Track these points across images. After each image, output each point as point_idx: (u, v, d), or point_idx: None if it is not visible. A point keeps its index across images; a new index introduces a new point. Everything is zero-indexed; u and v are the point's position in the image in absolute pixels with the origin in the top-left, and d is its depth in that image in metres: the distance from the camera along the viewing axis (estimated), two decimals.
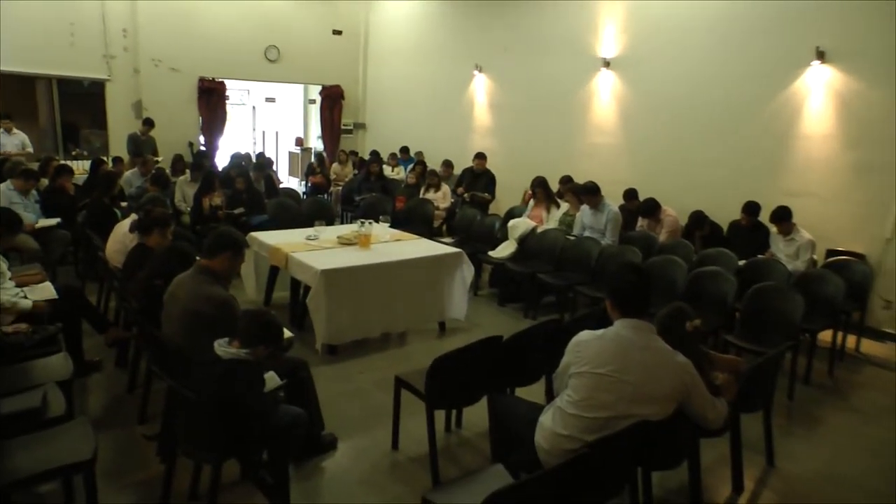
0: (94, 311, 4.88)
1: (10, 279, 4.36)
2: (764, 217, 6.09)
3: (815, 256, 5.86)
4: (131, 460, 3.55)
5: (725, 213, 6.55)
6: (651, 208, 6.56)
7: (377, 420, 4.01)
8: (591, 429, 2.60)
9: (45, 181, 7.41)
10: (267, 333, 2.84)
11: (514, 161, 9.63)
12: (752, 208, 6.15)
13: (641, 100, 8.03)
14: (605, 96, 8.45)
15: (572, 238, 6.56)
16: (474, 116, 10.80)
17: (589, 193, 6.51)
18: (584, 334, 2.79)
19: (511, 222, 6.97)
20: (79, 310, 4.56)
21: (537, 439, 2.75)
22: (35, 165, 7.96)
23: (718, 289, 5.09)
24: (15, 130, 9.67)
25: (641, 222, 6.77)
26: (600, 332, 2.77)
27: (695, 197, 6.95)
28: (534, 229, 6.80)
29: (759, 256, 5.83)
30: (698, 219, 6.35)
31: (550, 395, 3.65)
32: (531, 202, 7.40)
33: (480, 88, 10.63)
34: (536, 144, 9.51)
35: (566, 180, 7.70)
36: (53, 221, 6.63)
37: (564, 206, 7.11)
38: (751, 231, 6.18)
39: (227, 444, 2.83)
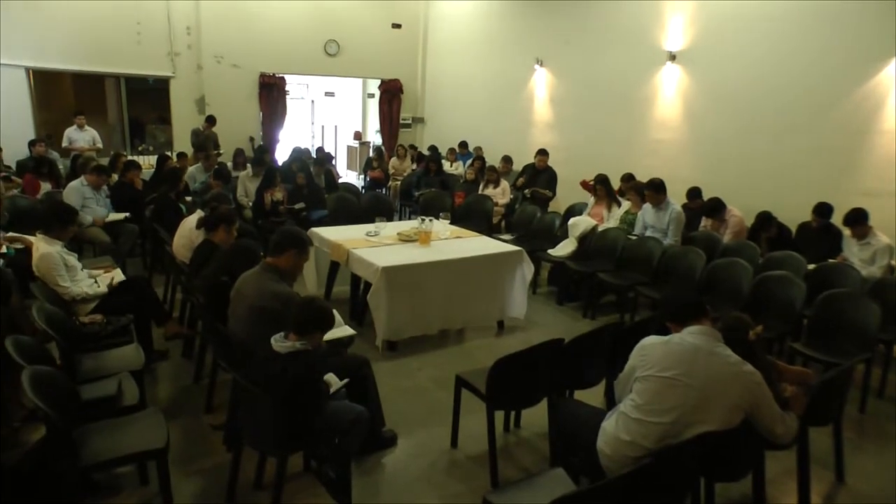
0: (157, 304, 5.00)
1: (82, 269, 4.53)
2: (836, 219, 5.80)
3: (892, 262, 5.53)
4: (198, 448, 3.65)
5: (794, 214, 6.24)
6: (715, 208, 6.34)
7: (436, 417, 4.01)
8: (654, 435, 2.55)
9: (114, 176, 7.68)
10: (320, 319, 2.90)
11: (573, 157, 9.46)
12: (823, 210, 5.86)
13: (707, 94, 7.76)
14: (669, 91, 8.21)
15: (634, 237, 6.42)
16: (534, 111, 10.66)
17: (654, 191, 6.32)
18: (650, 339, 2.76)
19: (571, 220, 6.86)
20: (142, 301, 4.69)
21: (600, 445, 2.72)
22: (104, 160, 8.26)
23: (786, 294, 4.84)
24: (86, 127, 10.08)
25: (705, 222, 6.56)
26: (666, 337, 2.75)
27: (762, 197, 6.68)
28: (594, 228, 6.69)
29: (831, 261, 5.53)
30: (765, 220, 6.06)
31: (610, 399, 3.61)
32: (591, 200, 7.27)
33: (541, 83, 10.48)
34: (597, 140, 9.32)
35: (628, 178, 7.53)
36: (122, 215, 6.87)
37: (626, 204, 6.96)
38: (821, 233, 5.88)
39: (291, 439, 2.87)
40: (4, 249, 5.35)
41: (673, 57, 8.05)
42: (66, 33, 10.30)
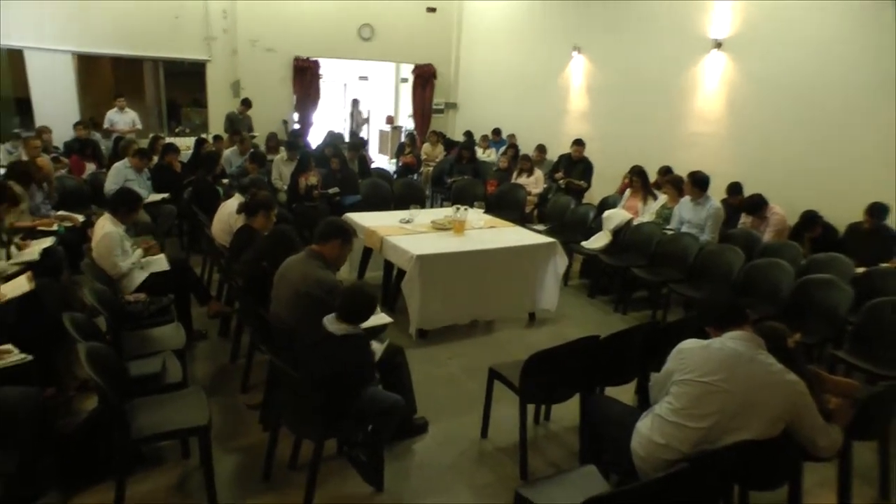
0: (199, 284, 5.15)
1: (133, 247, 4.67)
2: (892, 220, 5.62)
3: None
4: (235, 426, 3.75)
5: (842, 214, 6.06)
6: (756, 205, 6.20)
7: (466, 407, 4.05)
8: (691, 440, 2.53)
9: (154, 159, 7.83)
10: (365, 307, 2.99)
11: (608, 148, 9.34)
12: (877, 210, 5.64)
13: (753, 84, 7.52)
14: (712, 80, 8.01)
15: (669, 232, 6.34)
16: (569, 100, 10.54)
17: (696, 185, 6.19)
18: (689, 342, 2.72)
19: (606, 213, 6.81)
20: (185, 282, 4.82)
21: (633, 445, 2.71)
22: (143, 142, 8.43)
23: (829, 298, 4.65)
24: (126, 109, 10.31)
25: (744, 219, 6.41)
26: (706, 341, 2.70)
27: (807, 195, 6.48)
28: (629, 221, 6.63)
29: (883, 265, 5.28)
30: (810, 219, 5.90)
31: (642, 398, 3.60)
32: (627, 192, 7.21)
33: (577, 70, 10.34)
34: (633, 131, 9.19)
35: (665, 171, 7.43)
36: (161, 196, 7.03)
37: (662, 198, 6.87)
38: (873, 236, 5.66)
39: (329, 424, 2.94)
40: (56, 227, 5.53)
41: (718, 45, 7.83)
42: (109, 19, 10.51)
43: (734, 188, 6.81)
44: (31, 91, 10.52)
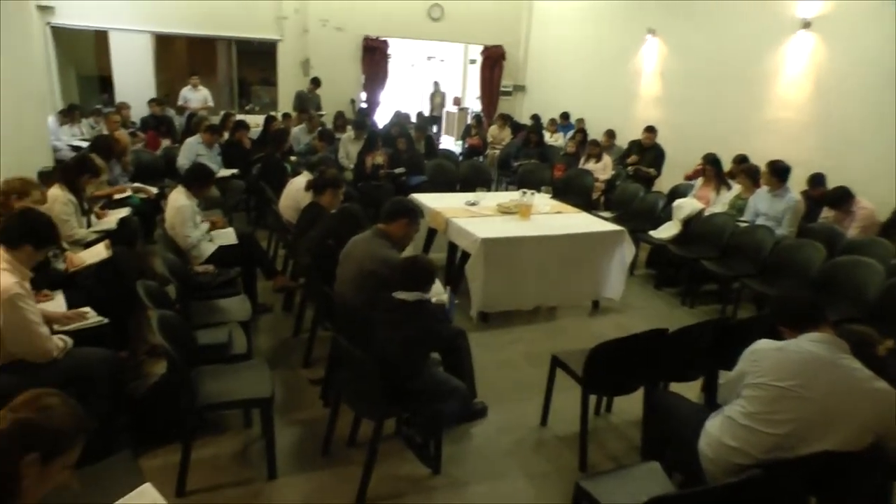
0: (266, 258, 5.25)
1: (202, 222, 4.79)
2: None
3: None
4: (296, 400, 3.81)
5: None
6: (841, 198, 5.82)
7: (526, 393, 3.99)
8: (765, 446, 2.39)
9: (225, 135, 8.03)
10: (424, 275, 3.01)
11: (680, 135, 9.00)
12: None
13: (843, 67, 7.04)
14: (796, 63, 7.56)
15: (743, 224, 6.06)
16: (641, 84, 10.23)
17: (776, 175, 5.86)
18: (763, 343, 2.55)
19: (676, 202, 6.57)
20: (253, 256, 4.92)
21: (701, 446, 2.58)
22: (215, 119, 8.66)
23: None
24: (199, 86, 10.63)
25: (827, 213, 6.05)
26: (781, 343, 2.53)
27: None
28: (700, 211, 6.37)
29: None
30: None
31: (709, 396, 3.46)
32: (699, 181, 6.93)
33: (651, 54, 10.01)
34: (707, 118, 8.81)
35: (741, 159, 7.10)
36: (230, 172, 7.20)
37: (736, 188, 6.57)
38: None
39: (390, 404, 2.94)
40: (129, 193, 5.74)
41: (807, 24, 7.36)
42: (185, 1, 10.83)
43: (816, 179, 6.43)
44: (112, 69, 11.03)
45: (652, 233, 6.46)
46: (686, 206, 6.43)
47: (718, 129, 8.50)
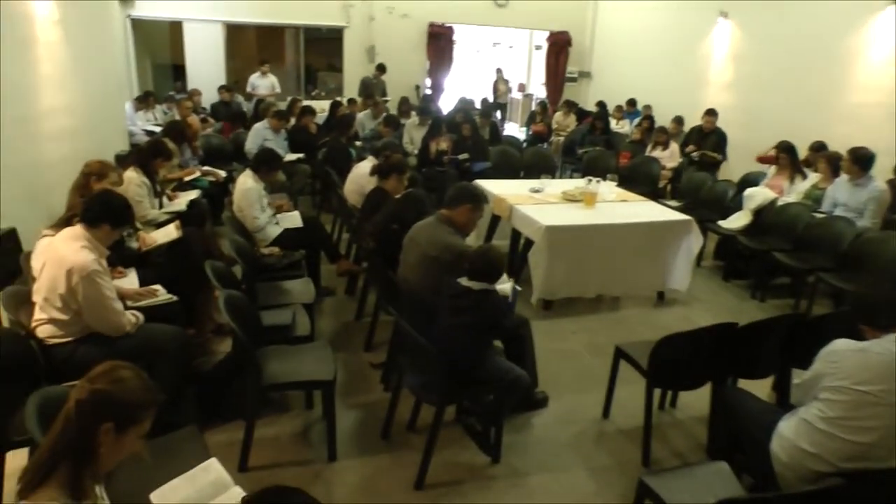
0: (330, 242, 5.32)
1: (269, 205, 4.88)
2: None
3: None
4: (357, 383, 3.85)
5: None
6: None
7: (588, 384, 3.91)
8: (846, 454, 2.25)
9: (291, 120, 8.18)
10: (494, 268, 2.97)
11: (753, 121, 8.63)
12: None
13: None
14: (884, 43, 7.08)
15: (820, 215, 5.75)
16: (711, 69, 9.87)
17: (859, 163, 5.51)
18: (842, 343, 2.40)
19: (747, 191, 6.30)
20: (317, 240, 4.99)
21: (774, 448, 2.46)
22: (282, 105, 8.83)
23: None
24: (268, 73, 10.87)
25: None
26: (863, 343, 2.37)
27: None
28: (773, 201, 6.09)
29: None
30: None
31: (781, 396, 3.31)
32: (772, 169, 6.62)
33: (722, 37, 9.63)
34: (782, 103, 8.39)
35: (819, 147, 6.74)
36: (296, 156, 7.32)
37: (812, 176, 6.25)
38: None
39: (452, 390, 2.93)
40: (197, 175, 5.91)
41: None
42: None
43: None
44: (186, 58, 11.42)
45: (721, 223, 6.22)
46: (758, 195, 6.15)
47: (794, 115, 8.08)
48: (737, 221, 6.12)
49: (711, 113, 8.22)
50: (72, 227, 2.95)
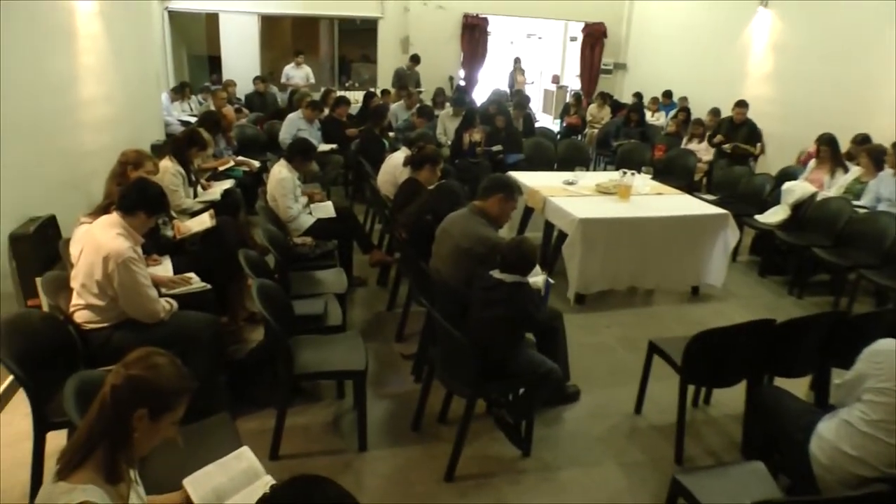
0: (363, 233, 5.33)
1: (302, 195, 4.91)
2: None
3: None
4: (388, 374, 3.87)
5: None
6: None
7: (620, 379, 3.87)
8: (892, 459, 2.19)
9: (325, 111, 8.20)
10: (527, 260, 2.96)
11: (792, 114, 8.41)
12: None
13: None
14: None
15: (863, 210, 5.58)
16: (749, 61, 9.61)
17: None
18: (886, 343, 2.32)
19: (786, 185, 6.14)
20: (350, 230, 5.00)
21: (813, 450, 2.40)
22: (316, 95, 8.86)
23: None
24: (302, 64, 10.93)
25: None
26: None
27: None
28: (813, 195, 5.92)
29: None
30: None
31: (819, 395, 3.26)
32: (811, 163, 6.44)
33: (761, 28, 9.37)
34: (823, 95, 8.14)
35: (862, 140, 6.53)
36: (330, 147, 7.35)
37: (854, 170, 6.06)
38: None
39: (484, 381, 2.91)
40: (231, 164, 5.97)
41: None
42: None
43: None
44: (221, 49, 11.54)
45: (758, 217, 6.08)
46: (797, 189, 6.00)
47: (836, 107, 7.82)
48: (774, 216, 5.98)
49: (742, 104, 8.06)
50: (109, 214, 2.99)
